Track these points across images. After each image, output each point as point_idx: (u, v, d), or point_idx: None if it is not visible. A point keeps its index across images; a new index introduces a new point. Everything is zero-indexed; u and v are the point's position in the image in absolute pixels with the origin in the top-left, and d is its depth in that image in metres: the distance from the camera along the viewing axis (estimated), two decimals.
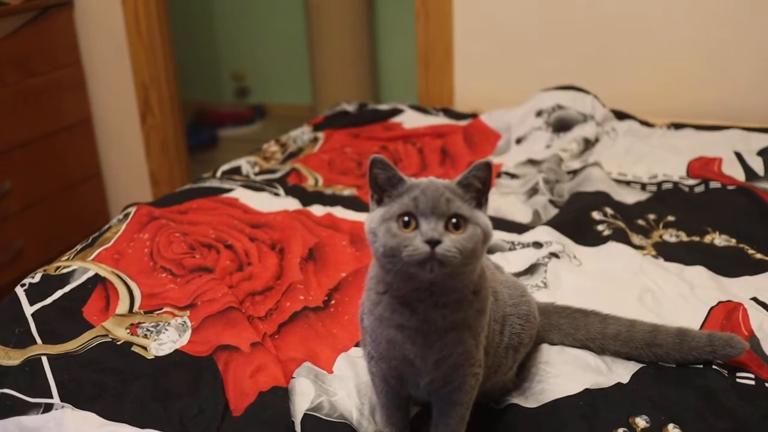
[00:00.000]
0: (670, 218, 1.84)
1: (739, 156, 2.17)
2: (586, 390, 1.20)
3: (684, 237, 1.76)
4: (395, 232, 0.92)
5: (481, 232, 0.93)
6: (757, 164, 2.12)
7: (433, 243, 0.89)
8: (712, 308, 1.43)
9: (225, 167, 2.29)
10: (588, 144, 2.34)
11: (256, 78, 5.32)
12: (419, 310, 0.97)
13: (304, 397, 1.20)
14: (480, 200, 0.98)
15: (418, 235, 0.90)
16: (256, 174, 2.25)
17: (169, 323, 1.40)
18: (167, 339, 1.35)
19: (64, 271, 1.57)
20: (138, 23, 3.20)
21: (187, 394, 1.21)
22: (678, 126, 2.46)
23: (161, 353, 1.32)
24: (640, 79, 2.72)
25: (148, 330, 1.38)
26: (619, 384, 1.22)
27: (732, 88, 2.62)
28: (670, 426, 1.12)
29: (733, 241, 1.72)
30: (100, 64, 3.30)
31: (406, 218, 0.92)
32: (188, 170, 3.57)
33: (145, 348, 1.33)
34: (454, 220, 0.92)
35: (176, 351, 1.32)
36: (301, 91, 5.08)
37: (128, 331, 1.38)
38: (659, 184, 2.06)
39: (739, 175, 2.06)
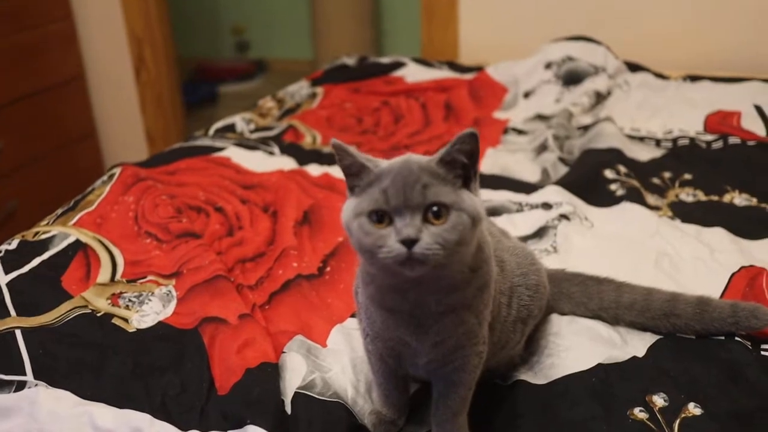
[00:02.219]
0: (687, 176, 1.74)
1: (759, 109, 2.06)
2: (599, 365, 1.12)
3: (702, 196, 1.66)
4: (368, 230, 0.82)
5: (467, 218, 0.81)
6: None
7: (409, 243, 0.79)
8: (733, 274, 1.34)
9: (218, 125, 2.19)
10: (599, 98, 2.24)
11: (257, 32, 5.17)
12: (410, 296, 0.88)
13: (295, 373, 1.12)
14: (468, 176, 0.85)
15: (393, 233, 0.80)
16: (251, 132, 2.15)
17: (152, 293, 1.32)
18: (150, 310, 1.27)
19: (44, 236, 1.48)
20: None
21: (169, 370, 1.13)
22: (694, 78, 2.35)
23: (143, 326, 1.23)
24: (653, 27, 2.60)
25: (130, 300, 1.30)
26: (634, 358, 1.14)
27: (750, 35, 2.49)
28: (691, 405, 1.03)
29: (754, 200, 1.63)
30: (92, 16, 3.18)
31: (378, 214, 0.82)
32: (185, 127, 3.47)
33: (126, 320, 1.24)
34: (434, 208, 0.81)
35: (159, 323, 1.24)
36: (303, 45, 4.94)
37: (109, 301, 1.30)
38: (675, 140, 1.95)
39: (760, 130, 1.96)
